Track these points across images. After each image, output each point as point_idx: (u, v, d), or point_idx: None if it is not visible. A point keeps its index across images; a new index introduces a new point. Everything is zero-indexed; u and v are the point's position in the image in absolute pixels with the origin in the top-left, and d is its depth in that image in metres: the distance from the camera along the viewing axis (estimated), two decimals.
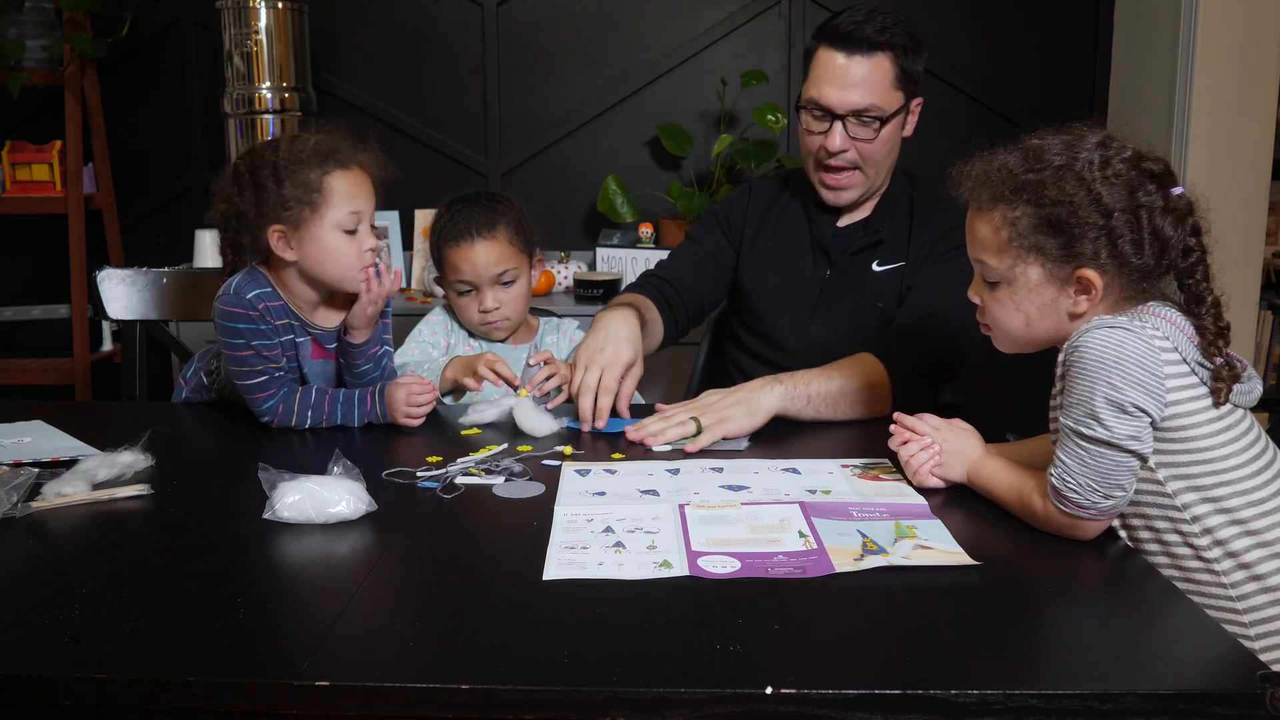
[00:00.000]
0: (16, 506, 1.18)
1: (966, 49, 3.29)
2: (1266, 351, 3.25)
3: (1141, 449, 1.07)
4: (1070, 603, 1.00)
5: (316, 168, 1.49)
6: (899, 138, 1.80)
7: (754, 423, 1.50)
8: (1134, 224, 1.10)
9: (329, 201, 1.49)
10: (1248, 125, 2.82)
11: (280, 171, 1.48)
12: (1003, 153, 1.18)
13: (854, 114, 1.72)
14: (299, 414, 1.53)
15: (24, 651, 0.86)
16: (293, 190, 1.47)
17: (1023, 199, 1.13)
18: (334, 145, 1.52)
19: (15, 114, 3.30)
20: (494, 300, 1.78)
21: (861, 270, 1.81)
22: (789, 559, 1.04)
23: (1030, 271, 1.15)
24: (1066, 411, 1.10)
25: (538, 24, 3.30)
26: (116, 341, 3.31)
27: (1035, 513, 1.13)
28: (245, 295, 1.50)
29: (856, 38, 1.70)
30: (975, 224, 1.19)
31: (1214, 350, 1.09)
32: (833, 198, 1.81)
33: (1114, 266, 1.11)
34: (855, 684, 0.80)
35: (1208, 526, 1.09)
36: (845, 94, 1.71)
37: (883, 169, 1.80)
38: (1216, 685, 0.81)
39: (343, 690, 0.81)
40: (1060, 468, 1.10)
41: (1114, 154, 1.12)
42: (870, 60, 1.71)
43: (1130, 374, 1.06)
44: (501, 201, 1.82)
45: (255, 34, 2.96)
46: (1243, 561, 1.09)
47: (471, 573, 1.05)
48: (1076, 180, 1.11)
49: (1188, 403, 1.08)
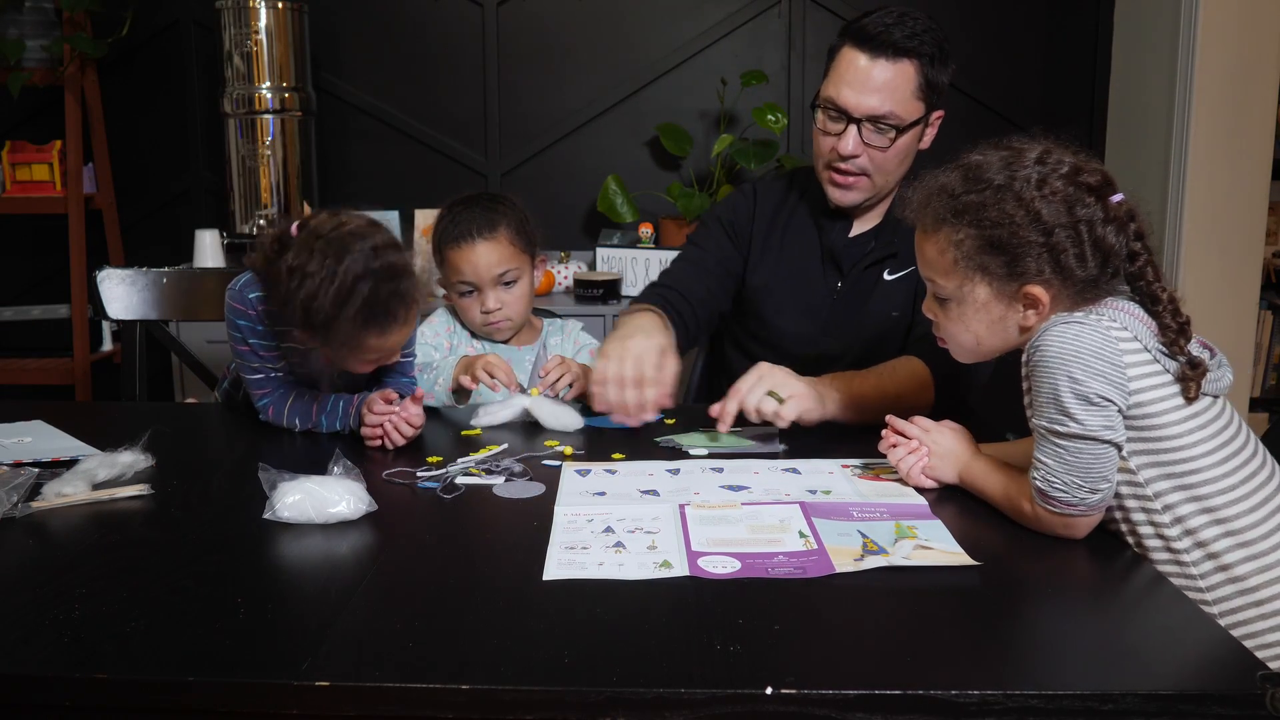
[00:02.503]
0: (16, 506, 1.18)
1: (966, 49, 3.28)
2: (1266, 351, 3.25)
3: (1116, 438, 1.08)
4: (1070, 603, 1.00)
5: (359, 330, 1.38)
6: (914, 149, 1.73)
7: (813, 418, 1.48)
8: (1075, 238, 1.11)
9: (363, 350, 1.43)
10: (1248, 125, 2.82)
11: (331, 325, 1.37)
12: (944, 173, 1.19)
13: (870, 119, 1.66)
14: (288, 416, 1.54)
15: (24, 651, 0.86)
16: (335, 339, 1.39)
17: (965, 221, 1.15)
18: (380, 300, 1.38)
19: (15, 114, 3.29)
20: (496, 301, 1.78)
21: (874, 281, 1.77)
22: (789, 559, 1.04)
23: (978, 290, 1.17)
24: (1037, 412, 1.11)
25: (538, 24, 3.31)
26: (116, 341, 3.31)
27: (1025, 515, 1.14)
28: (247, 295, 1.50)
29: (883, 40, 1.64)
30: (923, 245, 1.21)
31: (1177, 348, 1.10)
32: (839, 196, 1.75)
33: (1059, 280, 1.13)
34: (855, 684, 0.80)
35: (1179, 515, 1.10)
36: (864, 98, 1.65)
37: (893, 178, 1.74)
38: (1216, 685, 0.81)
39: (343, 690, 0.81)
40: (1042, 469, 1.10)
41: (1051, 170, 1.13)
42: (894, 66, 1.65)
43: (1090, 365, 1.07)
44: (503, 202, 1.81)
45: (255, 34, 2.97)
46: (1211, 551, 1.09)
47: (471, 573, 1.05)
48: (1015, 200, 1.12)
49: (1153, 390, 1.09)
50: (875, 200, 1.78)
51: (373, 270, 1.37)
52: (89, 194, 3.18)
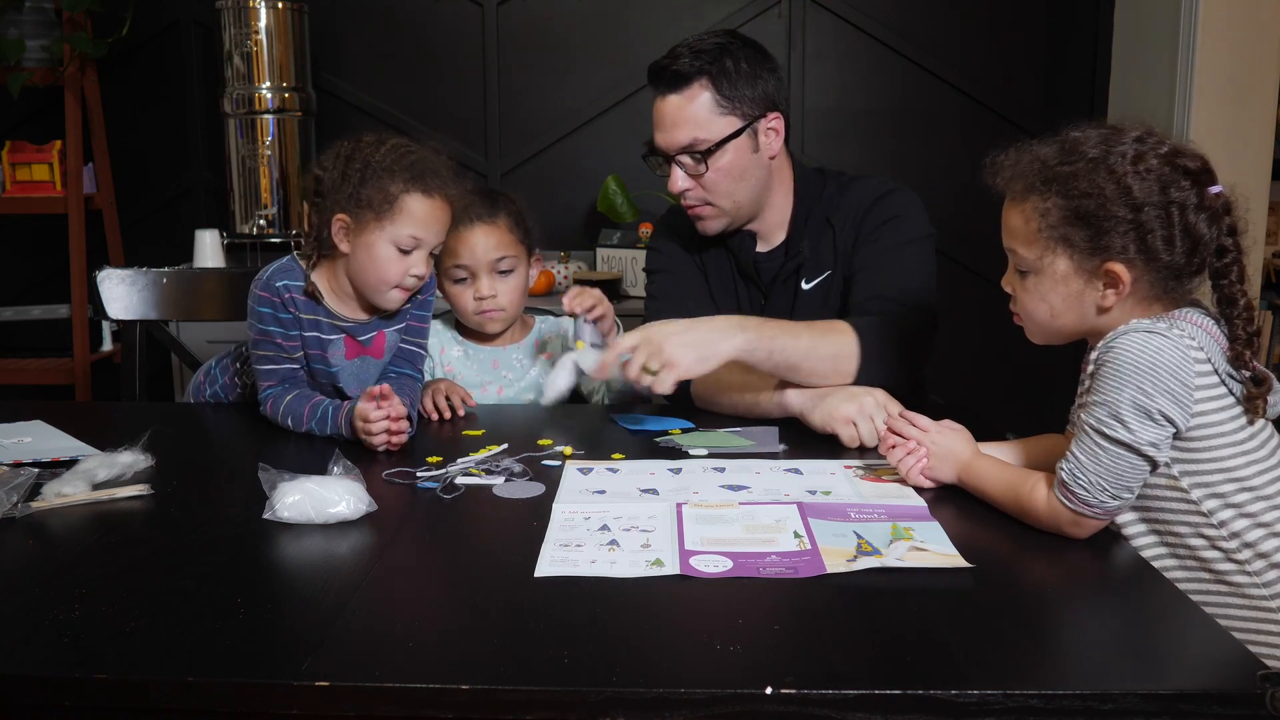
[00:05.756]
0: (16, 506, 1.18)
1: (966, 48, 3.29)
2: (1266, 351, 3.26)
3: (1158, 456, 1.07)
4: (1070, 602, 1.00)
5: (401, 181, 1.50)
6: (748, 162, 1.67)
7: (704, 368, 1.45)
8: (1165, 219, 1.09)
9: (395, 218, 1.51)
10: (1248, 125, 2.82)
11: (368, 170, 1.50)
12: (1039, 144, 1.17)
13: (682, 151, 1.65)
14: (284, 412, 1.54)
15: (24, 651, 0.86)
16: (370, 192, 1.50)
17: (1053, 190, 1.13)
18: (430, 168, 1.53)
19: (15, 114, 3.30)
20: (490, 288, 1.76)
21: (792, 292, 1.74)
22: (781, 559, 1.04)
23: (1058, 263, 1.14)
24: (1089, 409, 1.09)
25: (538, 24, 3.31)
26: (116, 341, 3.31)
27: (1035, 507, 1.13)
28: (275, 283, 1.54)
29: (667, 74, 1.64)
30: (1009, 213, 1.19)
31: (1242, 360, 1.09)
32: (702, 227, 1.73)
33: (1143, 262, 1.10)
34: (855, 684, 0.80)
35: (1234, 530, 1.09)
36: (668, 134, 1.66)
37: (739, 196, 1.69)
38: (1216, 685, 0.81)
39: (343, 690, 0.81)
40: (1072, 462, 1.09)
41: (1149, 149, 1.11)
42: (682, 95, 1.63)
43: (1162, 381, 1.05)
44: (504, 195, 1.82)
45: (255, 34, 2.97)
46: (1274, 562, 1.09)
47: (471, 573, 1.05)
48: (1107, 173, 1.10)
49: (1214, 413, 1.08)
50: (744, 218, 1.73)
51: (419, 145, 1.55)
52: (89, 194, 3.18)
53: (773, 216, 1.76)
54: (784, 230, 1.77)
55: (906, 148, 3.29)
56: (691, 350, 1.44)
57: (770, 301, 1.77)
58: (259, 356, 1.56)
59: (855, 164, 2.92)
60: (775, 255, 1.77)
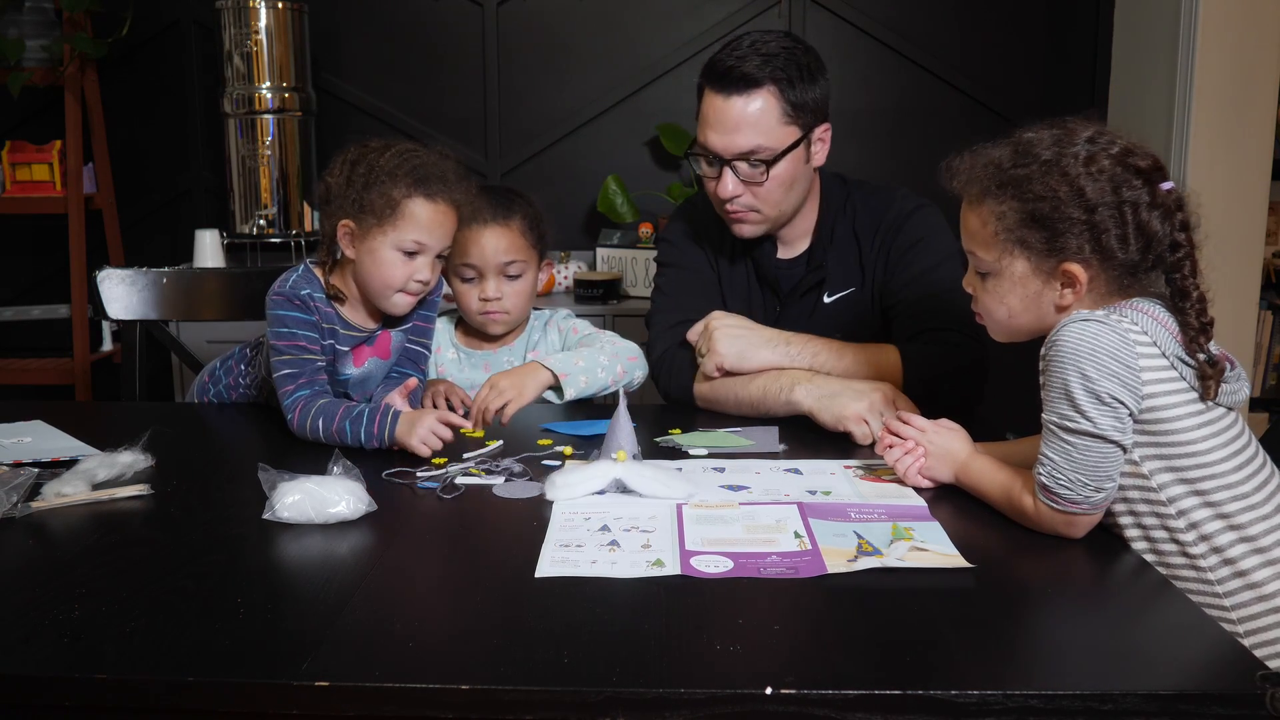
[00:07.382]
0: (16, 506, 1.18)
1: (965, 48, 3.29)
2: (1266, 351, 3.25)
3: (1124, 440, 1.08)
4: (1070, 603, 1.00)
5: (404, 186, 1.50)
6: (801, 172, 1.64)
7: (742, 366, 1.57)
8: (1118, 219, 1.11)
9: (398, 223, 1.50)
10: (1248, 125, 2.82)
11: (372, 175, 1.50)
12: (993, 146, 1.19)
13: (740, 157, 1.59)
14: (313, 418, 1.46)
15: (24, 651, 0.86)
16: (373, 198, 1.49)
17: (1009, 194, 1.15)
18: (435, 172, 1.52)
19: (15, 114, 3.30)
20: (496, 290, 1.74)
21: (813, 305, 1.72)
22: (782, 559, 1.04)
23: (1016, 265, 1.17)
24: (1048, 407, 1.11)
25: (538, 24, 3.31)
26: (116, 341, 3.31)
27: (1026, 512, 1.13)
28: (300, 291, 1.54)
29: (734, 75, 1.57)
30: (966, 217, 1.21)
31: (1196, 346, 1.10)
32: (739, 230, 1.69)
33: (1098, 261, 1.12)
34: (855, 684, 0.80)
35: (1193, 521, 1.10)
36: (728, 138, 1.59)
37: (785, 205, 1.66)
38: (1216, 685, 0.81)
39: (343, 690, 0.81)
40: (1048, 464, 1.10)
41: (1100, 149, 1.12)
42: (751, 99, 1.57)
43: (1104, 365, 1.06)
44: (521, 196, 1.79)
45: (255, 34, 2.97)
46: (1227, 557, 1.09)
47: (471, 573, 1.05)
48: (1061, 176, 1.12)
49: (1166, 396, 1.09)
50: (781, 225, 1.71)
51: (425, 150, 1.55)
52: (89, 194, 3.18)
53: (799, 224, 1.74)
54: (807, 239, 1.75)
55: (906, 147, 3.28)
56: (735, 345, 1.57)
57: (786, 310, 1.74)
58: (283, 362, 1.51)
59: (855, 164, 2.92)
60: (797, 264, 1.75)
